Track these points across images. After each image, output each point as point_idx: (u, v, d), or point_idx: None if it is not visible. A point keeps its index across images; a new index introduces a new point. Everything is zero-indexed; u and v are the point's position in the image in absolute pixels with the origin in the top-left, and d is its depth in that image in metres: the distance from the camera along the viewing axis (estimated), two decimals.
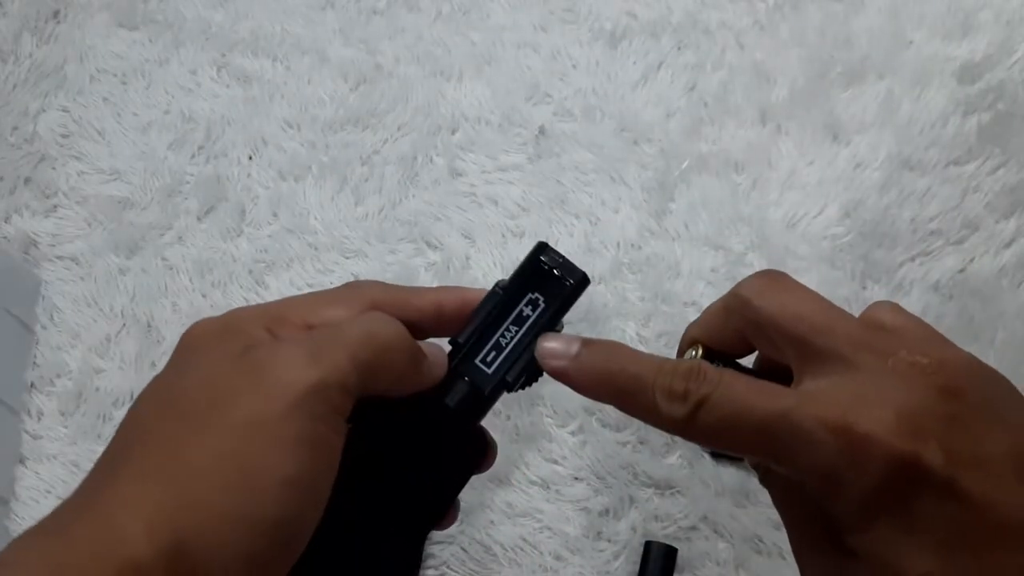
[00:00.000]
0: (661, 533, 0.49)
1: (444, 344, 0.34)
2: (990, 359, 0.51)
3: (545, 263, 0.33)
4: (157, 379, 0.29)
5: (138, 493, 0.25)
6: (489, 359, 0.32)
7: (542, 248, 0.33)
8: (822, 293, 0.42)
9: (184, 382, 0.28)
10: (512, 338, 0.32)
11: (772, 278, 0.31)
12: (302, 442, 0.25)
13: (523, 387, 0.33)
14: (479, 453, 0.33)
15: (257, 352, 0.28)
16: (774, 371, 0.30)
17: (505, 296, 0.32)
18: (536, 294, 0.32)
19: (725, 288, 0.53)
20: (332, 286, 0.55)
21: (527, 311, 0.32)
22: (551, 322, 0.32)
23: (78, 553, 0.23)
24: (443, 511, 0.32)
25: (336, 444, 0.27)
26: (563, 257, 0.33)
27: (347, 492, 0.28)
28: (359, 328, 0.28)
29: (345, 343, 0.28)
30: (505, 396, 0.34)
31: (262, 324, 0.29)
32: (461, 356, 0.32)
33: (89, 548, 0.23)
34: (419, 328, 0.32)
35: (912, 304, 0.52)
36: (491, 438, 0.34)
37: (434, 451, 0.31)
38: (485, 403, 0.32)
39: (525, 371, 0.32)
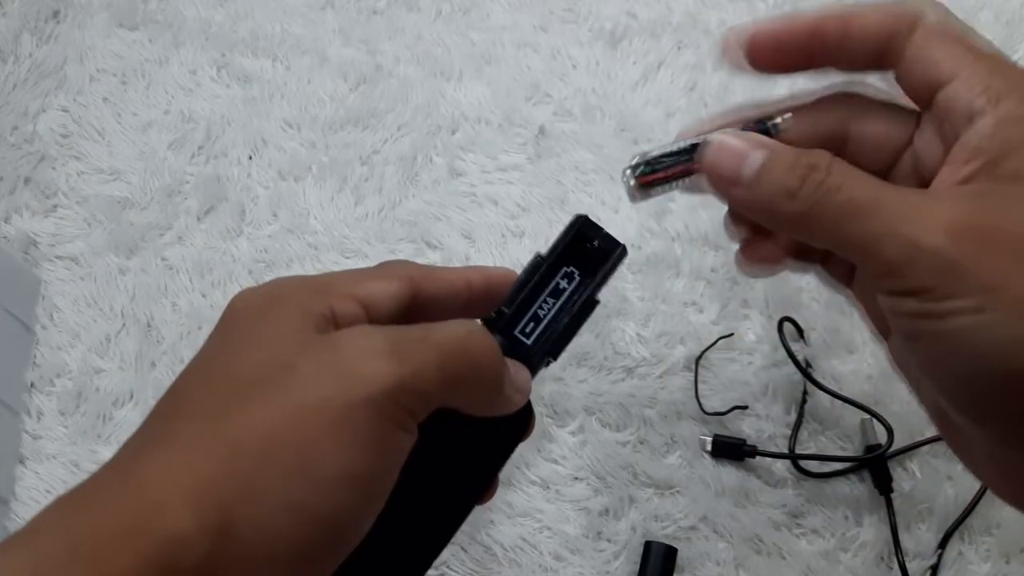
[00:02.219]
0: (661, 533, 0.49)
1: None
2: None
3: (584, 235, 0.32)
4: (202, 353, 0.27)
5: (180, 464, 0.23)
6: (528, 330, 0.31)
7: (581, 220, 0.33)
8: (822, 293, 0.42)
9: (236, 354, 0.26)
10: (549, 310, 0.32)
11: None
12: (370, 440, 0.23)
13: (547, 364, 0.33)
14: (523, 420, 0.32)
15: (330, 333, 0.25)
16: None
17: (544, 266, 0.32)
18: (572, 267, 0.32)
19: (725, 288, 0.54)
20: None
21: (563, 284, 0.32)
22: (589, 295, 0.32)
23: (108, 524, 0.21)
24: (489, 482, 0.31)
25: (405, 448, 0.25)
26: (602, 229, 0.33)
27: (406, 486, 0.26)
28: (453, 334, 0.26)
29: (436, 347, 0.25)
30: None
31: (310, 292, 0.27)
32: (503, 325, 0.31)
33: (121, 520, 0.21)
34: (449, 307, 0.31)
35: None
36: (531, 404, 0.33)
37: (481, 423, 0.30)
38: (531, 372, 0.32)
39: (559, 343, 0.32)
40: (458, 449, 0.30)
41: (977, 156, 0.25)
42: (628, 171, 0.31)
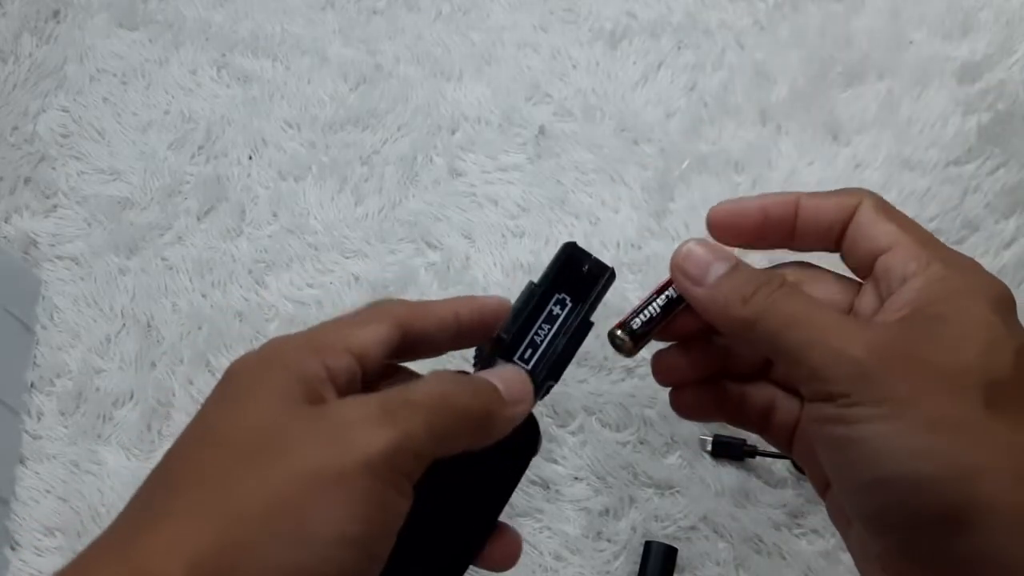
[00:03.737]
0: (661, 533, 0.49)
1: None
2: None
3: (573, 261, 0.34)
4: (201, 417, 0.27)
5: (179, 534, 0.23)
6: (527, 356, 0.32)
7: (570, 247, 0.34)
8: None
9: (235, 421, 0.26)
10: (545, 335, 0.33)
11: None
12: (368, 503, 0.24)
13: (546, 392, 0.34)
14: (532, 443, 0.32)
15: (325, 402, 0.26)
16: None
17: (538, 295, 0.33)
18: (563, 293, 0.33)
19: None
20: (332, 286, 0.56)
21: (556, 310, 0.33)
22: (581, 320, 0.33)
23: None
24: (501, 508, 0.32)
25: (402, 509, 0.26)
26: (590, 255, 0.34)
27: (415, 525, 0.27)
28: (433, 391, 0.27)
29: (422, 407, 0.26)
30: None
31: (309, 353, 0.28)
32: (503, 352, 0.32)
33: None
34: (439, 341, 0.32)
35: None
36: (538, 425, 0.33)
37: (487, 451, 0.30)
38: (536, 391, 0.32)
39: (558, 366, 0.33)
40: (468, 478, 0.31)
41: (908, 305, 0.28)
42: (621, 335, 0.34)
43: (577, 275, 0.34)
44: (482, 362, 0.33)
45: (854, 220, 0.31)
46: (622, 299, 0.54)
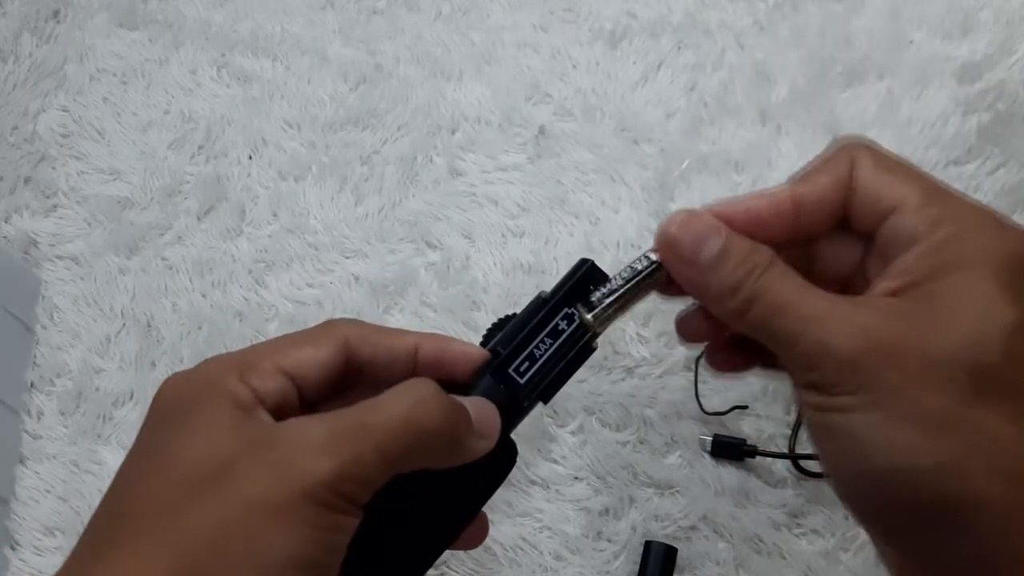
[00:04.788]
0: (661, 533, 0.49)
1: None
2: None
3: (589, 279, 0.33)
4: (139, 446, 0.28)
5: (129, 565, 0.24)
6: (523, 369, 0.31)
7: (587, 264, 0.33)
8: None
9: (177, 449, 0.26)
10: (546, 351, 0.31)
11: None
12: (312, 527, 0.25)
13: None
14: (510, 461, 0.32)
15: (263, 426, 0.26)
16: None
17: (545, 307, 0.32)
18: (573, 309, 0.32)
19: None
20: (332, 286, 0.56)
21: (563, 324, 0.32)
22: (588, 340, 0.32)
23: None
24: (468, 522, 0.31)
25: (349, 527, 0.26)
26: (605, 274, 0.33)
27: (369, 529, 0.27)
28: (395, 411, 0.27)
29: (376, 431, 0.26)
30: None
31: (236, 374, 0.27)
32: (498, 364, 0.31)
33: None
34: (392, 372, 0.31)
35: None
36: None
37: (461, 468, 0.30)
38: (520, 413, 0.32)
39: (552, 387, 0.32)
40: (435, 493, 0.30)
41: (905, 275, 0.28)
42: (590, 318, 0.32)
43: (588, 293, 0.32)
44: (491, 361, 0.32)
45: (855, 188, 0.29)
46: None
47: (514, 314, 0.33)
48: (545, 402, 0.32)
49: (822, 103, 0.58)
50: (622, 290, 0.32)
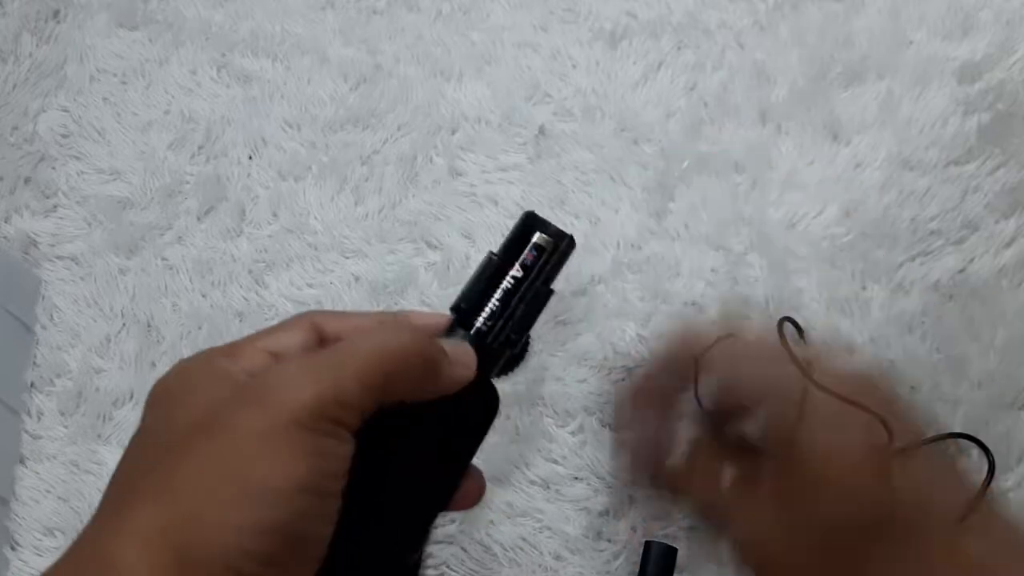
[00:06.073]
0: (661, 533, 0.49)
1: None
2: (990, 360, 0.51)
3: (532, 230, 0.35)
4: (136, 433, 0.29)
5: (133, 521, 0.24)
6: (487, 325, 0.33)
7: (528, 215, 0.35)
8: (822, 293, 0.43)
9: (173, 419, 0.27)
10: (507, 300, 0.33)
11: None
12: (305, 453, 0.25)
13: (517, 357, 0.35)
14: (494, 405, 0.33)
15: (256, 376, 0.28)
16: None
17: (498, 262, 0.34)
18: (526, 259, 0.34)
19: (725, 288, 0.54)
20: (332, 286, 0.56)
21: (518, 274, 0.34)
22: (540, 285, 0.34)
23: None
24: (463, 470, 0.33)
25: (342, 453, 0.27)
26: (549, 223, 0.35)
27: (365, 479, 0.28)
28: (369, 343, 0.28)
29: (352, 359, 0.27)
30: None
31: (224, 357, 0.29)
32: (462, 319, 0.33)
33: None
34: None
35: (912, 304, 0.52)
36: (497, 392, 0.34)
37: (448, 412, 0.31)
38: (491, 355, 0.33)
39: (519, 330, 0.34)
40: (426, 441, 0.32)
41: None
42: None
43: (537, 243, 0.34)
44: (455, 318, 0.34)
45: None
46: (622, 300, 0.54)
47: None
48: (513, 347, 0.34)
49: (822, 103, 0.58)
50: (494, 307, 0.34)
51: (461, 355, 0.32)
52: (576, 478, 0.50)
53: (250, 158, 0.60)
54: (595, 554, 0.49)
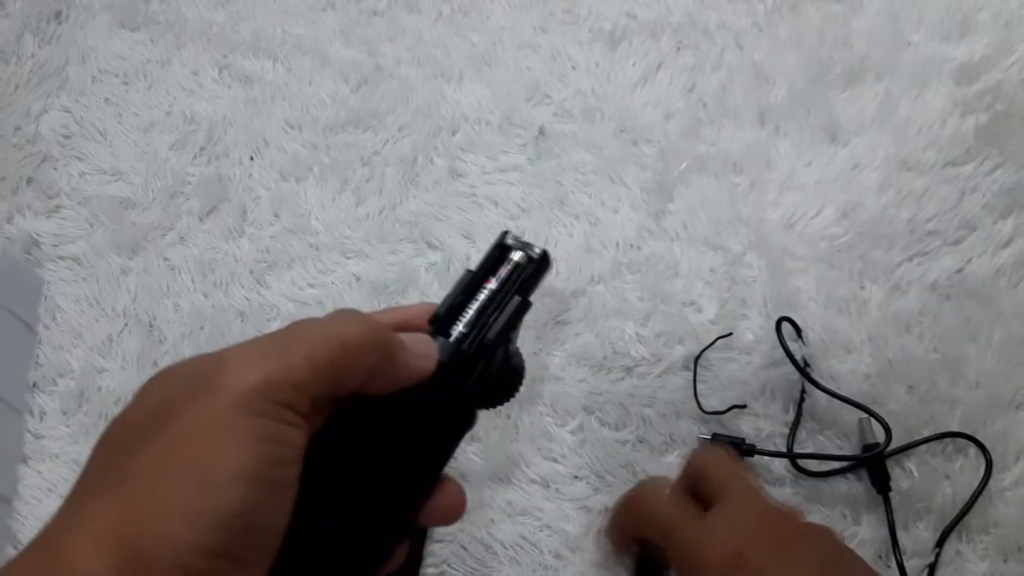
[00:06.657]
0: None
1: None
2: (988, 359, 0.51)
3: (508, 247, 0.36)
4: (108, 428, 0.29)
5: (84, 517, 0.24)
6: (464, 328, 0.34)
7: (504, 235, 0.37)
8: (820, 293, 0.43)
9: (130, 416, 0.27)
10: (482, 310, 0.34)
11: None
12: (252, 438, 0.25)
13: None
14: (468, 418, 0.34)
15: (205, 364, 0.27)
16: None
17: (474, 276, 0.35)
18: (501, 274, 0.36)
19: (723, 288, 0.54)
20: (333, 286, 0.56)
21: (494, 286, 0.35)
22: (517, 298, 0.35)
23: None
24: (434, 479, 0.33)
25: (292, 438, 0.26)
26: (524, 241, 0.37)
27: (339, 480, 0.28)
28: (320, 327, 0.28)
29: (303, 342, 0.27)
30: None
31: (202, 361, 0.29)
32: (437, 328, 0.34)
33: None
34: None
35: (910, 304, 0.53)
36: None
37: (419, 412, 0.32)
38: (468, 361, 0.34)
39: (497, 341, 0.34)
40: (394, 439, 0.32)
41: None
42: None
43: (512, 260, 0.36)
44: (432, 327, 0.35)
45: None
46: (621, 300, 0.54)
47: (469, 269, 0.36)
48: (486, 351, 0.34)
49: (821, 104, 0.58)
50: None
51: (420, 345, 0.31)
52: (576, 477, 0.51)
53: (251, 159, 0.60)
54: (595, 552, 0.49)
